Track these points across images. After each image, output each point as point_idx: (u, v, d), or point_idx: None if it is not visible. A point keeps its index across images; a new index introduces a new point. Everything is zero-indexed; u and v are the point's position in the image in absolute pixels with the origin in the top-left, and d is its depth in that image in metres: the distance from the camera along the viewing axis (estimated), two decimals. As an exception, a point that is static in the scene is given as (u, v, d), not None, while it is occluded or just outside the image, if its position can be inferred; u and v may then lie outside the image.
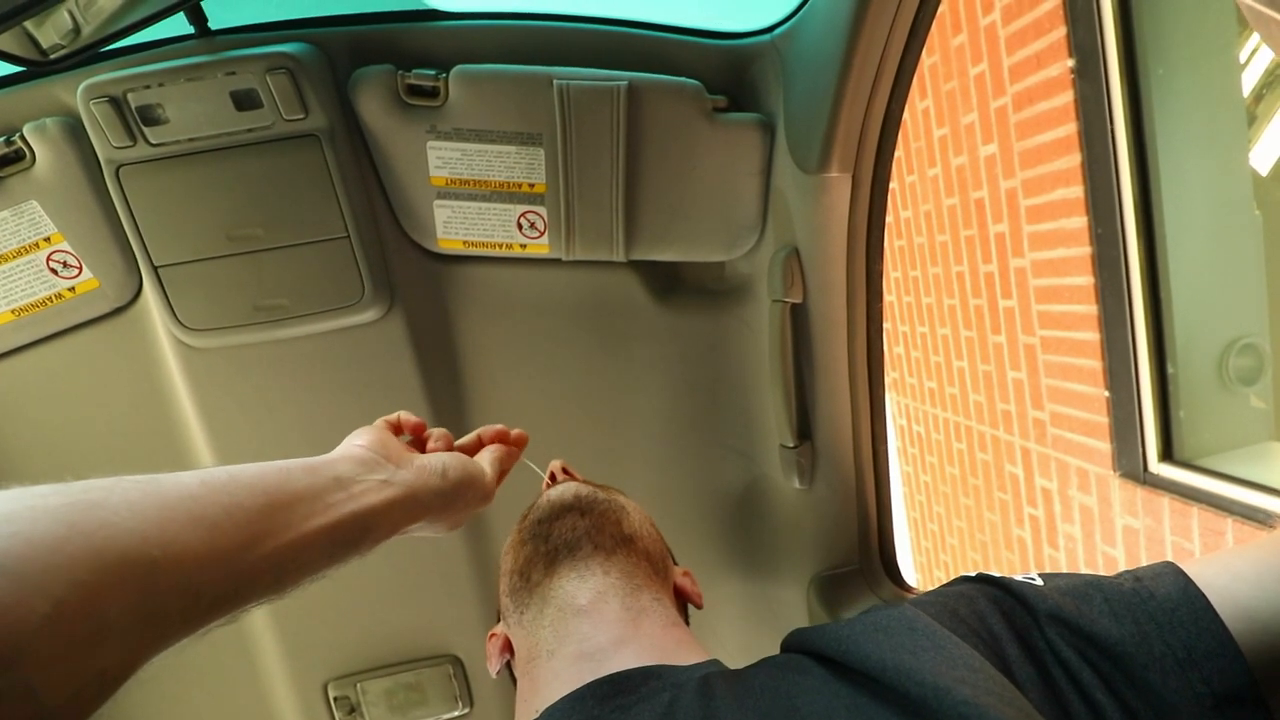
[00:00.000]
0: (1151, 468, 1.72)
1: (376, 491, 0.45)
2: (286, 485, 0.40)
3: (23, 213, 0.73)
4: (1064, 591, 0.44)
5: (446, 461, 0.52)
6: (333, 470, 0.44)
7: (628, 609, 0.54)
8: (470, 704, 1.03)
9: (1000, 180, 2.10)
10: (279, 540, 0.38)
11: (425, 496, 0.49)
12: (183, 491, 0.34)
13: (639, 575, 0.58)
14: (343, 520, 0.42)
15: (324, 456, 0.46)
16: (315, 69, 0.71)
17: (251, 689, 1.00)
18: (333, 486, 0.43)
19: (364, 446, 0.48)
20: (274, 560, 0.37)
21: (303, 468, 0.42)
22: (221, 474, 0.37)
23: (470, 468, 0.54)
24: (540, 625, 0.55)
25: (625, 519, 0.61)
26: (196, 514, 0.34)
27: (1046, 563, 2.25)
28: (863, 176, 0.70)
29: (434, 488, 0.50)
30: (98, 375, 0.84)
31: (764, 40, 0.76)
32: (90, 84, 0.68)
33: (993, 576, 0.48)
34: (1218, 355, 1.66)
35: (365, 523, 0.44)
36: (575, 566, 0.56)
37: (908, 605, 0.45)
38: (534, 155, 0.77)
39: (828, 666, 0.43)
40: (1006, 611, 0.44)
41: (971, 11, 2.09)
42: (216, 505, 0.35)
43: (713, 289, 0.91)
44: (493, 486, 0.56)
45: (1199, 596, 0.41)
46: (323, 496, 0.41)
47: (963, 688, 0.35)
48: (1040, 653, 0.42)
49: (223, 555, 0.34)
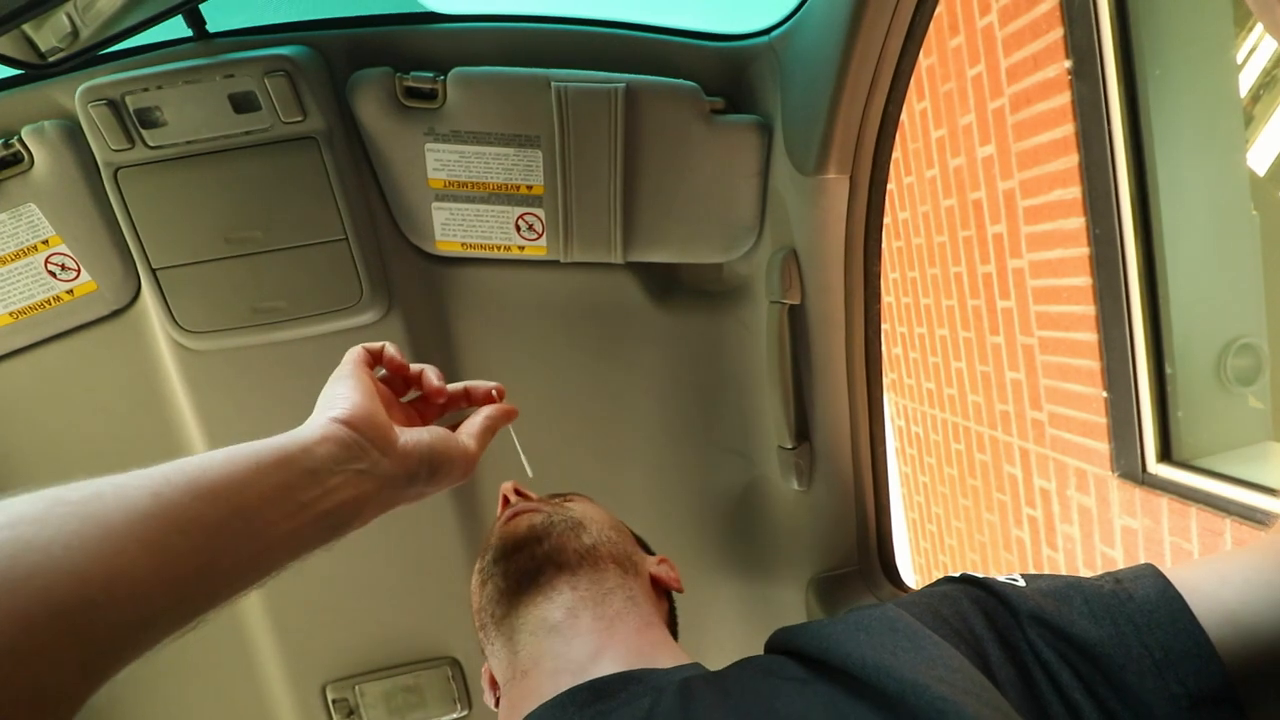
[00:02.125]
0: (1150, 468, 1.72)
1: (354, 485, 0.41)
2: (255, 485, 0.36)
3: (21, 215, 0.73)
4: (1045, 593, 0.45)
5: (432, 446, 0.47)
6: (310, 459, 0.39)
7: (599, 618, 0.54)
8: (469, 706, 1.03)
9: (998, 181, 2.10)
10: (239, 554, 0.35)
11: (403, 490, 0.45)
12: (130, 511, 0.30)
13: (608, 580, 0.58)
14: (313, 520, 0.39)
15: (302, 436, 0.40)
16: (313, 71, 0.71)
17: (250, 691, 1.00)
18: (307, 482, 0.38)
19: (347, 423, 0.42)
20: (234, 575, 0.35)
21: (275, 459, 0.38)
22: (180, 481, 0.33)
23: (453, 450, 0.49)
24: (513, 650, 0.55)
25: (583, 532, 0.61)
26: (146, 539, 0.30)
27: (1045, 563, 2.25)
28: (860, 178, 0.70)
29: (414, 479, 0.45)
30: (96, 378, 0.83)
31: (761, 42, 0.76)
32: (88, 87, 0.68)
33: (975, 577, 0.48)
34: (1216, 355, 1.66)
35: (336, 520, 0.40)
36: (541, 589, 0.56)
37: (890, 605, 0.45)
38: (532, 157, 0.77)
39: (808, 666, 0.43)
40: (989, 612, 0.45)
41: (969, 13, 2.09)
42: (171, 524, 0.31)
43: (711, 290, 0.91)
44: (473, 463, 0.51)
45: (1177, 599, 0.41)
46: (295, 494, 0.38)
47: (940, 685, 0.36)
48: (1021, 653, 0.42)
49: (176, 581, 0.31)
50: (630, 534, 0.69)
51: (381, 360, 0.53)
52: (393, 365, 0.53)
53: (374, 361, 0.52)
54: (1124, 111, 1.62)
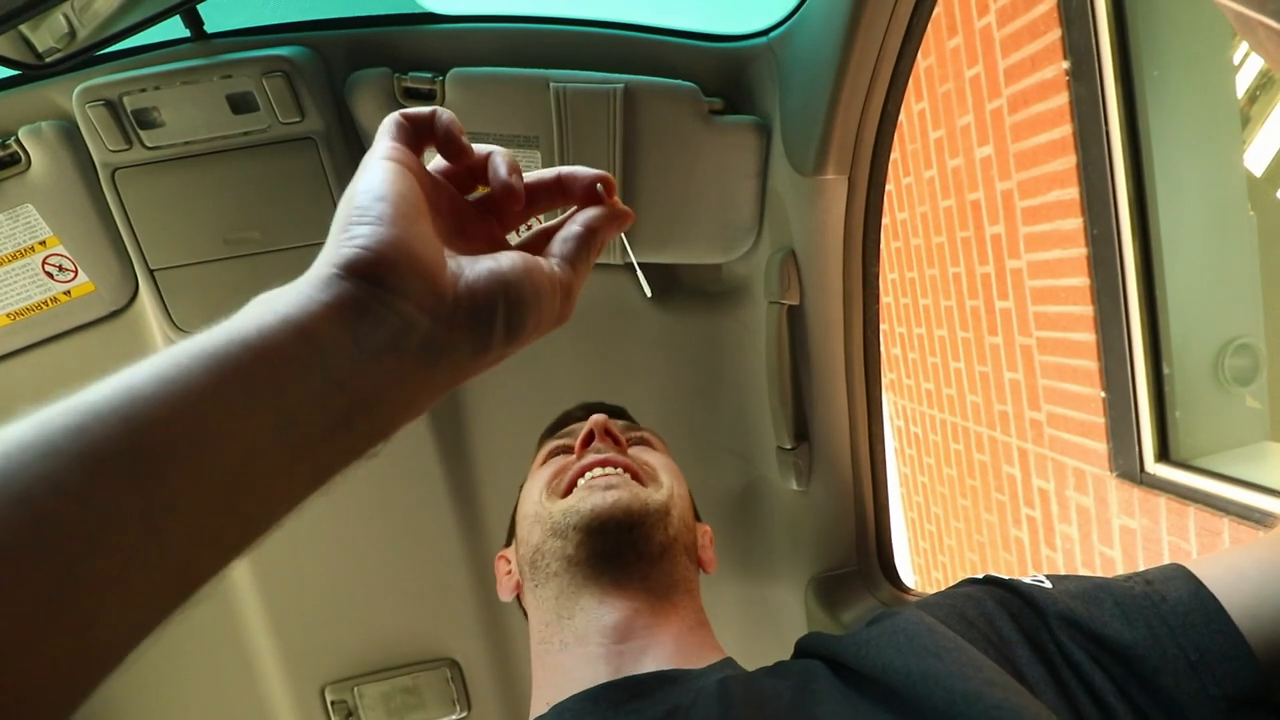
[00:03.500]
0: (1148, 468, 1.73)
1: (389, 365, 0.27)
2: (212, 422, 0.24)
3: (18, 216, 0.73)
4: (1074, 594, 0.44)
5: (507, 282, 0.31)
6: (309, 350, 0.26)
7: (656, 614, 0.54)
8: (468, 707, 1.03)
9: (996, 182, 2.10)
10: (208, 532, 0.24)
11: (470, 359, 0.30)
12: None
13: (677, 572, 0.57)
14: (337, 430, 0.26)
15: (297, 304, 0.27)
16: (311, 72, 0.71)
17: (248, 693, 1.00)
18: (308, 397, 0.25)
19: (368, 268, 0.28)
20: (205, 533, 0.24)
21: (251, 365, 0.25)
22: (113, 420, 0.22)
23: (541, 283, 0.32)
24: (561, 615, 0.54)
25: (669, 523, 0.58)
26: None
27: (1044, 564, 2.25)
28: (859, 178, 0.70)
29: (482, 338, 0.30)
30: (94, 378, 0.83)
31: (760, 43, 0.76)
32: (86, 87, 0.68)
33: (1000, 578, 0.47)
34: (1213, 355, 1.66)
35: (380, 421, 0.28)
36: (614, 578, 0.54)
37: (914, 609, 0.44)
38: (530, 158, 0.77)
39: (843, 675, 0.43)
40: (1015, 614, 0.44)
41: (967, 14, 2.10)
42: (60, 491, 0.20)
43: (710, 291, 0.91)
44: (573, 298, 0.35)
45: (1211, 599, 0.41)
46: (294, 413, 0.25)
47: (992, 690, 0.35)
48: (1051, 655, 0.42)
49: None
50: (690, 500, 0.66)
51: (433, 135, 0.35)
52: (450, 146, 0.35)
53: (419, 138, 0.35)
54: (1122, 112, 1.63)
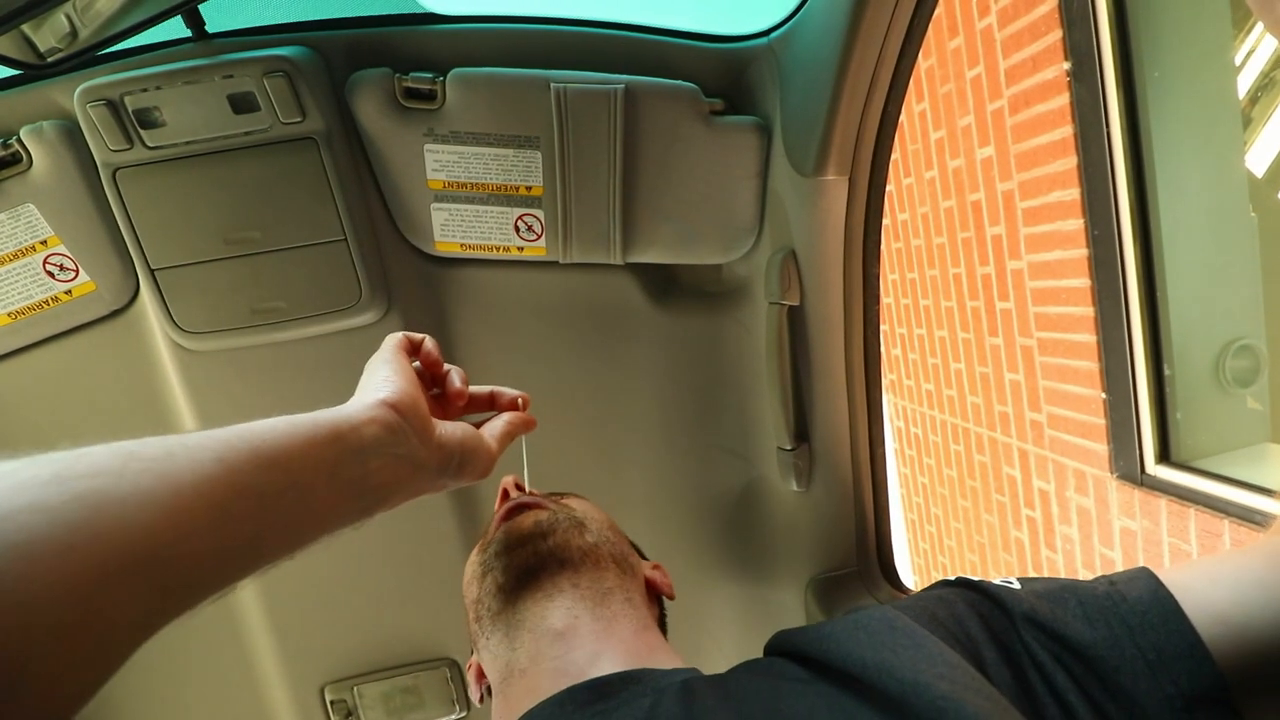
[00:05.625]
0: (1149, 469, 1.73)
1: (392, 468, 0.42)
2: (309, 458, 0.37)
3: (19, 216, 0.73)
4: (1040, 595, 0.45)
5: (464, 441, 0.49)
6: (358, 438, 0.40)
7: (599, 619, 0.54)
8: (467, 707, 1.03)
9: (997, 182, 2.10)
10: (286, 524, 0.36)
11: (432, 480, 0.46)
12: (198, 474, 0.31)
13: (607, 579, 0.58)
14: (352, 498, 0.40)
15: (351, 414, 0.41)
16: (312, 72, 0.71)
17: (248, 693, 1.00)
18: (352, 460, 0.40)
19: (394, 407, 0.44)
20: (277, 544, 0.36)
21: (328, 434, 0.39)
22: (243, 447, 0.34)
23: (480, 447, 0.50)
24: (512, 648, 0.54)
25: (585, 531, 0.61)
26: (213, 501, 0.31)
27: (1044, 565, 2.25)
28: (859, 179, 0.70)
29: (444, 470, 0.47)
30: (95, 378, 0.83)
31: (761, 43, 0.76)
32: (87, 87, 0.68)
33: (970, 580, 0.48)
34: (1214, 357, 1.66)
35: (371, 501, 0.42)
36: (542, 586, 0.55)
37: (888, 607, 0.45)
38: (531, 158, 0.77)
39: (809, 667, 0.43)
40: (984, 615, 0.45)
41: (968, 14, 2.10)
42: (233, 490, 0.33)
43: (710, 291, 0.91)
44: (493, 462, 0.52)
45: (1169, 599, 0.41)
46: (341, 471, 0.39)
47: (940, 683, 0.36)
48: (1017, 655, 0.42)
49: (229, 544, 0.32)
50: (626, 538, 0.69)
51: (419, 353, 0.54)
52: (429, 361, 0.54)
53: (412, 351, 0.53)
54: (1123, 113, 1.63)
